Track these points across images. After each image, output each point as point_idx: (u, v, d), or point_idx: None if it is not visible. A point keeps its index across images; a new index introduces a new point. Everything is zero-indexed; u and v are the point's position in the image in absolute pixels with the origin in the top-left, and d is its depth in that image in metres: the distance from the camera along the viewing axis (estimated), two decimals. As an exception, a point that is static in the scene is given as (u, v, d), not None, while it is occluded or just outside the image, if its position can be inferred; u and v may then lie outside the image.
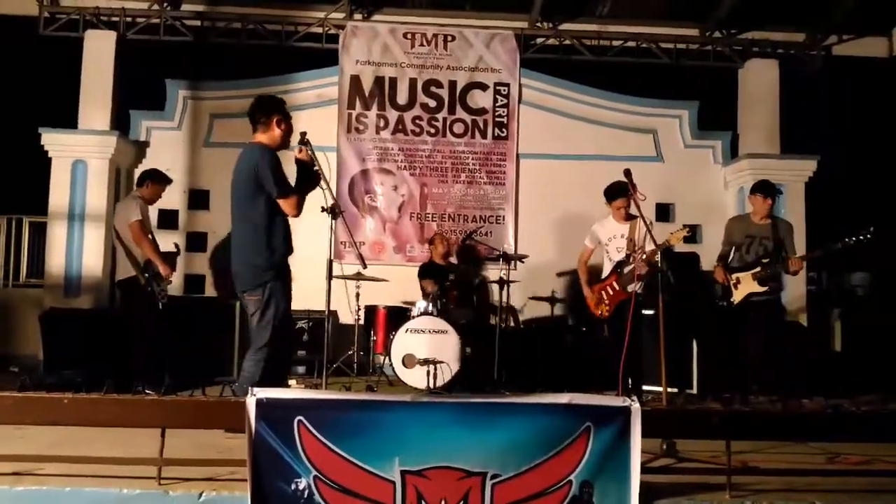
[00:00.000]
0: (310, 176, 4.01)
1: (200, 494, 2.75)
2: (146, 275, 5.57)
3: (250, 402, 2.66)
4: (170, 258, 5.89)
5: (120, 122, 7.72)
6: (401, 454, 2.66)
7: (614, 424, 2.74)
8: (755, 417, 3.04)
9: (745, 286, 5.47)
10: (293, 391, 2.84)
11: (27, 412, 2.72)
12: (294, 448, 2.64)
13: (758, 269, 5.40)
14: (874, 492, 3.05)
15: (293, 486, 2.63)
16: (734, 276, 5.54)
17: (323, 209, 4.13)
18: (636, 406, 2.75)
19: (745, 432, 2.98)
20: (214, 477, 2.87)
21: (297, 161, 4.05)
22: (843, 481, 3.14)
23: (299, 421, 2.66)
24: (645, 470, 2.85)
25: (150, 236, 5.72)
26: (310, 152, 4.02)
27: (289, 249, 3.98)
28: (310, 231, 4.96)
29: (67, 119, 7.56)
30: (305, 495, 2.63)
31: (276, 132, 4.03)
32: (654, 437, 2.89)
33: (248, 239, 3.88)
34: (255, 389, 2.69)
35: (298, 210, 3.92)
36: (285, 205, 3.86)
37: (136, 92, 7.91)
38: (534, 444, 2.71)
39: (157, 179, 6.02)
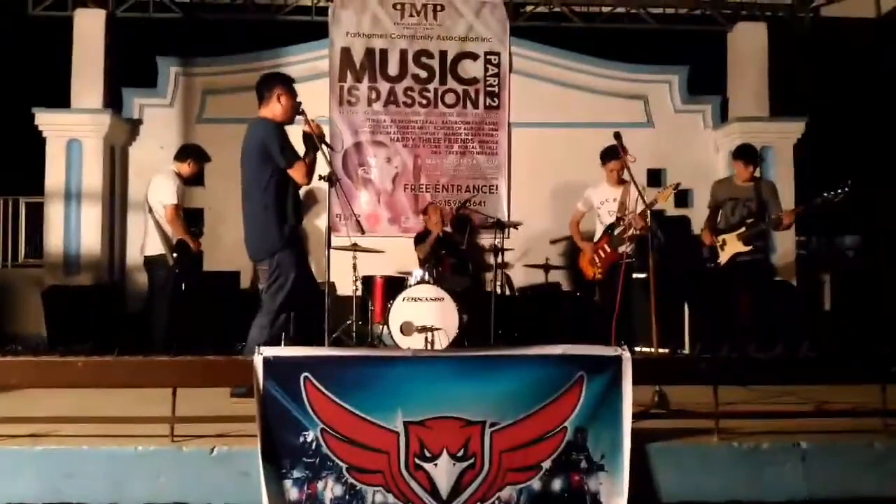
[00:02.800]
0: (316, 147, 4.11)
1: (212, 449, 2.87)
2: (174, 255, 5.61)
3: (258, 361, 2.77)
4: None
5: (113, 101, 7.72)
6: (403, 406, 2.78)
7: (606, 373, 2.86)
8: (742, 363, 3.17)
9: (731, 247, 5.58)
10: (299, 349, 2.94)
11: (43, 375, 2.82)
12: (301, 403, 2.76)
13: (742, 229, 5.51)
14: (859, 432, 3.19)
15: (301, 439, 2.75)
16: (720, 237, 5.65)
17: (321, 177, 4.21)
18: (627, 355, 2.87)
19: (732, 377, 3.12)
20: (225, 433, 2.99)
21: (304, 134, 4.15)
22: (828, 424, 3.27)
23: (305, 377, 2.77)
24: (637, 417, 2.99)
25: (182, 217, 5.72)
26: (316, 123, 4.14)
27: (298, 220, 4.11)
28: (304, 205, 5.02)
29: (60, 98, 7.57)
30: (313, 447, 2.75)
31: (278, 107, 4.11)
32: (644, 383, 3.00)
33: (257, 211, 4.00)
34: (263, 348, 2.80)
35: (308, 178, 4.04)
36: (295, 173, 3.98)
37: (128, 69, 7.91)
38: (530, 394, 2.83)
39: (201, 158, 5.96)
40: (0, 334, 7.21)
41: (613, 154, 5.54)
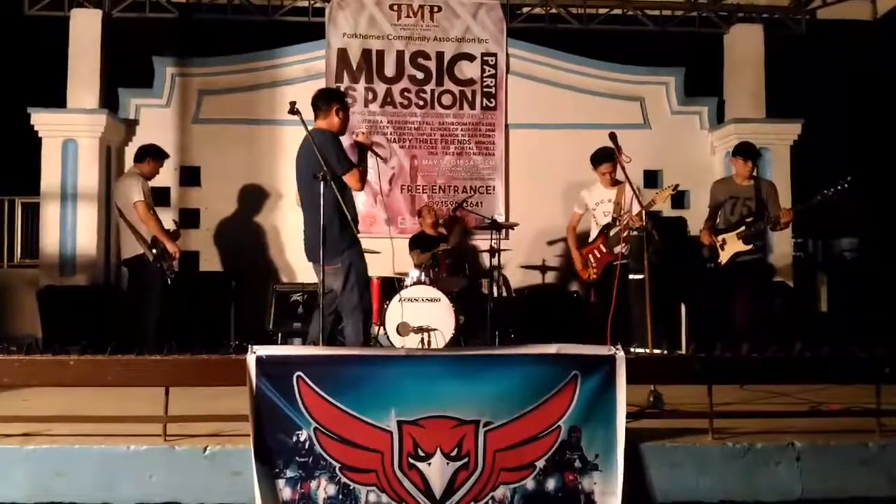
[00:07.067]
0: (366, 157, 4.50)
1: (205, 448, 2.86)
2: (154, 251, 5.62)
3: (251, 360, 2.76)
4: (173, 235, 5.96)
5: (109, 101, 7.70)
6: (397, 405, 2.78)
7: (600, 372, 2.86)
8: (736, 363, 3.16)
9: (731, 246, 5.57)
10: (292, 348, 2.94)
11: (34, 374, 2.81)
12: (294, 402, 2.75)
13: (742, 228, 5.51)
14: (853, 432, 3.19)
15: (294, 438, 2.74)
16: (720, 237, 5.64)
17: (315, 176, 4.21)
18: (621, 354, 2.87)
19: (727, 377, 3.11)
20: (218, 433, 2.98)
21: (357, 143, 4.52)
22: (822, 423, 3.27)
23: (298, 376, 2.77)
24: (631, 417, 2.98)
25: (154, 214, 5.76)
26: (366, 134, 4.64)
27: (356, 220, 4.36)
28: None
29: (56, 98, 7.55)
30: (306, 446, 2.74)
31: (335, 120, 4.43)
32: (638, 383, 2.99)
33: (324, 215, 4.16)
34: (255, 347, 2.79)
35: (362, 184, 4.39)
36: (350, 179, 4.27)
37: (125, 70, 7.89)
38: (524, 393, 2.83)
39: (158, 156, 6.13)
40: (-5, 335, 7.21)
41: (604, 157, 5.57)
